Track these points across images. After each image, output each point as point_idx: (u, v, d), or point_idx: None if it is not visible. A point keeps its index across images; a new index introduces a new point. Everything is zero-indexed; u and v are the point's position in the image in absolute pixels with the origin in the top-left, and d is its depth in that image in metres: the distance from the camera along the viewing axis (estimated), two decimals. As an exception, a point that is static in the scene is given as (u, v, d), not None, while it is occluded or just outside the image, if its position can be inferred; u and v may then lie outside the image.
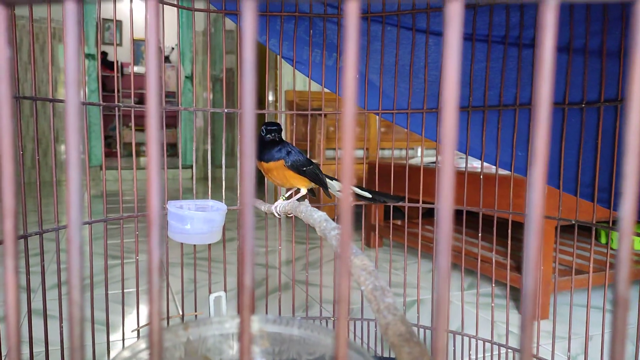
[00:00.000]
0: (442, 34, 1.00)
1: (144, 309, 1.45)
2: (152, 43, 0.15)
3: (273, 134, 0.85)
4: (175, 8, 0.99)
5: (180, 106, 1.00)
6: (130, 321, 1.35)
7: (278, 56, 1.07)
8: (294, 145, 0.93)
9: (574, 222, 0.89)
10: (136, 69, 5.92)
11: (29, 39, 0.69)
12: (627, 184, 0.16)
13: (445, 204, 0.14)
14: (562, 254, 1.70)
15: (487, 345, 1.02)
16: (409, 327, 0.24)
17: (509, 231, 0.95)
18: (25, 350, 0.79)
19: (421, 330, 1.09)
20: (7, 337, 0.18)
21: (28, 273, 0.76)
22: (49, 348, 0.81)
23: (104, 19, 5.57)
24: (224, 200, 0.99)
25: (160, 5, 0.93)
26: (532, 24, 0.91)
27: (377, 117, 1.10)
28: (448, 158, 0.14)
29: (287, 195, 0.91)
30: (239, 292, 0.15)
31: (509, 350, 0.98)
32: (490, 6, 0.93)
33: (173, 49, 6.06)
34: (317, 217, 0.44)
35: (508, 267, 0.93)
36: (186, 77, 5.33)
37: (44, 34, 4.72)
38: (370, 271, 0.29)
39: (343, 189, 0.15)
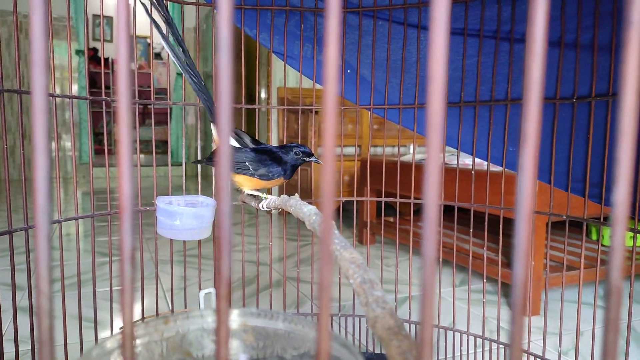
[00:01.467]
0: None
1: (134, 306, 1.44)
2: (122, 27, 0.14)
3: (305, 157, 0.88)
4: (165, 3, 0.98)
5: (169, 101, 0.99)
6: (119, 319, 1.34)
7: (269, 53, 1.06)
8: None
9: (565, 217, 0.89)
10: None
11: (15, 33, 0.68)
12: (619, 170, 0.16)
13: (431, 191, 0.13)
14: (553, 250, 1.70)
15: (479, 340, 1.02)
16: (398, 321, 0.23)
17: (500, 227, 0.95)
18: (10, 349, 0.78)
19: (412, 326, 1.08)
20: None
21: (13, 269, 0.75)
22: (36, 346, 0.79)
23: (93, 15, 5.51)
24: (213, 197, 0.98)
25: (149, -2, 0.91)
26: (523, 18, 0.90)
27: (369, 113, 1.09)
28: (435, 139, 0.13)
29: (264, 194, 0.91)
30: (216, 282, 0.14)
31: (500, 345, 0.98)
32: (481, 0, 0.92)
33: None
34: (306, 210, 0.43)
35: (499, 263, 0.93)
36: (177, 74, 5.29)
37: (9, 27, 4.64)
38: (359, 264, 0.29)
39: (325, 174, 0.14)
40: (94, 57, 5.45)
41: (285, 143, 0.92)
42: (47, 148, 0.15)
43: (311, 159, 0.88)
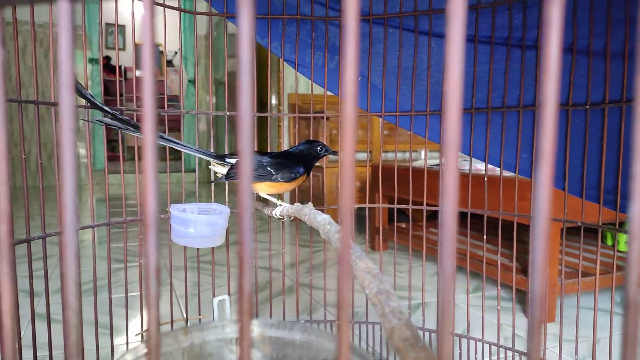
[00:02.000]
0: (443, 36, 0.99)
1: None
2: (147, 41, 0.14)
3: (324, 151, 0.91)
4: (178, 12, 0.99)
5: (182, 109, 1.00)
6: (134, 325, 1.35)
7: (279, 59, 1.07)
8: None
9: (579, 224, 0.88)
10: (139, 73, 5.95)
11: (32, 44, 0.69)
12: (635, 185, 0.16)
13: (449, 203, 0.14)
14: (568, 257, 1.69)
15: (494, 348, 1.01)
16: (415, 332, 0.24)
17: (514, 233, 0.94)
18: (29, 355, 0.79)
19: (426, 333, 1.08)
20: (1, 341, 0.18)
21: (31, 277, 0.76)
22: (53, 352, 0.80)
23: (107, 24, 5.59)
24: (227, 204, 0.98)
25: (162, 8, 0.93)
26: (535, 25, 0.90)
27: (380, 119, 1.09)
28: (451, 157, 0.13)
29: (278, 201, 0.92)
30: (239, 297, 0.14)
31: (516, 353, 0.97)
32: (492, 7, 0.92)
33: (176, 53, 6.08)
34: (320, 219, 0.43)
35: (514, 270, 0.92)
36: (189, 81, 5.34)
37: (47, 38, 4.74)
38: (375, 274, 0.29)
39: (343, 191, 0.15)
40: (107, 65, 5.52)
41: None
42: (74, 166, 0.15)
43: (330, 152, 0.92)
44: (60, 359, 0.98)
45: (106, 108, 0.79)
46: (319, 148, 0.91)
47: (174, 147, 0.85)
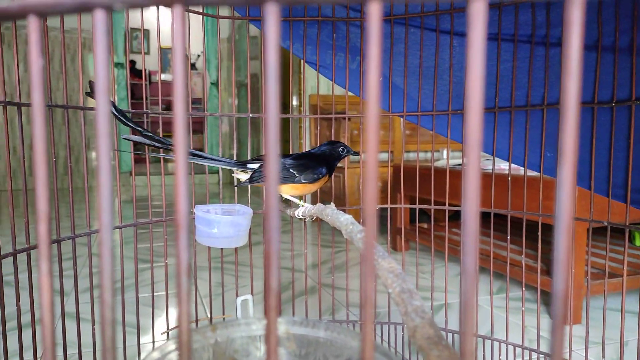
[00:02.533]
0: (466, 35, 0.98)
1: (173, 312, 1.47)
2: (178, 50, 0.15)
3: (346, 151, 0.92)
4: (201, 16, 1.01)
5: (206, 112, 1.02)
6: (160, 324, 1.37)
7: (301, 60, 1.08)
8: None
9: (606, 224, 0.87)
10: (163, 76, 6.04)
11: (60, 49, 0.72)
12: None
13: (470, 202, 0.14)
14: (594, 257, 1.65)
15: (518, 350, 1.00)
16: (438, 331, 0.24)
17: (539, 234, 0.93)
18: (59, 352, 0.81)
19: (449, 334, 1.07)
20: (42, 338, 0.19)
21: (61, 277, 0.78)
22: (82, 350, 0.83)
23: (131, 29, 5.70)
24: (249, 205, 0.99)
25: (186, 13, 0.94)
26: (559, 22, 0.89)
27: (402, 119, 1.09)
28: (473, 155, 0.14)
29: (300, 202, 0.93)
30: (266, 294, 0.15)
31: (541, 355, 0.96)
32: (515, 5, 0.91)
33: (199, 56, 6.16)
34: (343, 220, 0.44)
35: (539, 271, 0.91)
36: (212, 83, 5.40)
37: (74, 44, 4.85)
38: (398, 274, 0.29)
39: (366, 193, 0.15)
40: (132, 69, 5.63)
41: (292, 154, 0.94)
42: (110, 169, 0.16)
43: (352, 153, 0.93)
44: (88, 357, 1.01)
45: (139, 128, 0.81)
46: (340, 149, 0.91)
47: (201, 163, 0.87)
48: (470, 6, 0.13)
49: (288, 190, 0.89)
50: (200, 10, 0.98)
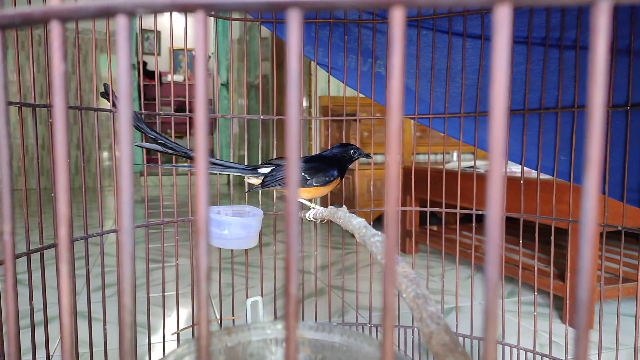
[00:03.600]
0: (479, 37, 0.98)
1: (183, 312, 1.48)
2: (201, 54, 0.15)
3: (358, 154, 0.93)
4: (212, 17, 1.01)
5: (217, 113, 1.02)
6: (170, 323, 1.38)
7: (312, 62, 1.08)
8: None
9: (620, 228, 0.86)
10: (174, 77, 6.08)
11: (72, 51, 0.72)
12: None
13: (495, 211, 0.14)
14: (608, 262, 1.64)
15: (530, 355, 0.99)
16: (453, 337, 0.24)
17: (552, 238, 0.92)
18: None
19: (460, 338, 1.06)
20: (61, 338, 0.19)
21: (73, 276, 0.79)
22: (93, 349, 0.83)
23: (143, 30, 5.74)
24: (260, 206, 1.00)
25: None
26: (574, 24, 0.88)
27: (413, 121, 1.09)
28: (497, 164, 0.14)
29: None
30: (286, 300, 0.15)
31: (552, 360, 0.95)
32: (530, 7, 0.91)
33: (210, 57, 6.18)
34: (356, 223, 0.44)
35: (551, 275, 0.90)
36: (222, 84, 5.42)
37: (85, 44, 4.90)
38: (412, 278, 0.29)
39: (388, 197, 0.15)
40: (144, 70, 5.67)
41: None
42: (131, 177, 0.16)
43: (364, 155, 0.94)
44: (99, 356, 1.01)
45: (152, 134, 0.82)
46: (352, 151, 0.92)
47: (217, 172, 0.88)
48: (496, 11, 0.13)
49: (301, 194, 0.90)
50: (213, 12, 0.98)
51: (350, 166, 0.97)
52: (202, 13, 0.15)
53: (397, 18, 0.14)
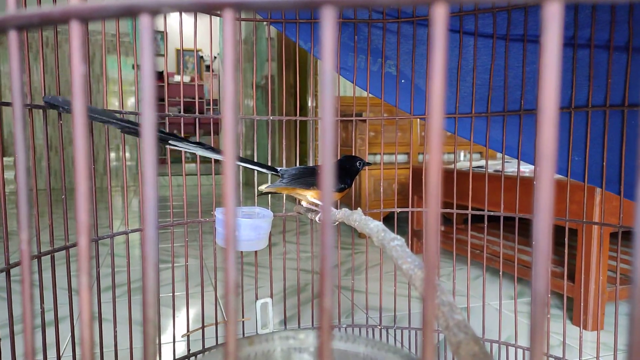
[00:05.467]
0: (491, 36, 0.97)
1: (192, 313, 1.48)
2: (229, 55, 0.14)
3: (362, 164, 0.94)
4: (218, 17, 1.01)
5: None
6: (179, 323, 1.38)
7: (318, 62, 1.07)
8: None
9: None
10: (179, 78, 6.09)
11: (102, 54, 0.72)
12: None
13: (544, 219, 0.13)
14: (622, 263, 1.62)
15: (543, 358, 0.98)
16: (483, 347, 0.23)
17: (566, 239, 0.91)
18: (79, 352, 0.81)
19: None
20: (82, 349, 0.18)
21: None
22: (104, 350, 0.83)
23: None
24: (270, 207, 0.99)
25: (208, 15, 0.94)
26: (588, 23, 0.87)
27: (418, 121, 1.08)
28: (547, 170, 0.13)
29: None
30: (320, 315, 0.14)
31: (566, 363, 0.93)
32: (541, 5, 0.89)
33: (216, 57, 6.19)
34: (373, 226, 0.43)
35: (565, 277, 0.89)
36: (229, 84, 5.42)
37: (92, 46, 4.91)
38: (436, 285, 0.28)
39: (430, 201, 0.14)
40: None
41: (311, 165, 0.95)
42: (156, 182, 0.15)
43: (366, 164, 0.95)
44: (110, 357, 1.01)
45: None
46: (358, 163, 0.94)
47: (246, 166, 0.88)
48: (545, 8, 0.13)
49: (317, 196, 0.90)
50: (239, 13, 0.98)
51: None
52: (231, 12, 0.15)
53: (440, 15, 0.13)
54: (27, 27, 0.17)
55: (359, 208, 0.63)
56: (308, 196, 0.89)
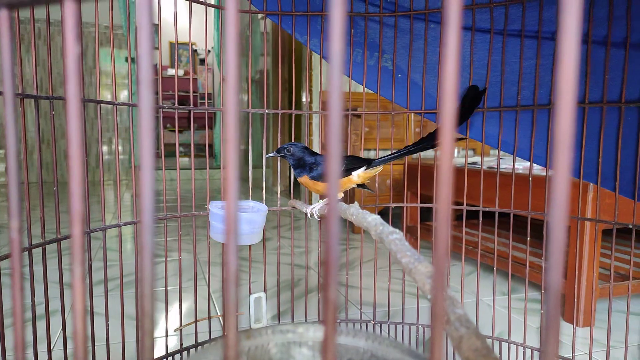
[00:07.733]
0: (488, 31, 0.96)
1: (185, 307, 1.47)
2: (231, 46, 0.14)
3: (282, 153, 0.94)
4: (213, 9, 1.00)
5: (222, 107, 1.01)
6: (172, 318, 1.37)
7: (311, 56, 1.06)
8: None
9: (631, 226, 0.84)
10: (173, 71, 6.04)
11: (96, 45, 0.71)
12: None
13: (558, 216, 0.12)
14: (617, 261, 1.63)
15: (536, 353, 0.98)
16: (485, 342, 0.22)
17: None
18: (70, 346, 0.80)
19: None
20: (75, 341, 0.18)
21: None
22: (95, 344, 0.82)
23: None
24: (264, 201, 0.98)
25: (202, 6, 0.93)
26: (585, 18, 0.86)
27: (412, 116, 1.07)
28: (562, 165, 0.12)
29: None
30: (324, 307, 0.13)
31: None
32: (539, 1, 0.89)
33: (209, 51, 6.15)
34: (371, 220, 0.42)
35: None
36: (223, 79, 5.40)
37: (86, 38, 4.86)
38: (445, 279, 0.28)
39: (441, 197, 0.14)
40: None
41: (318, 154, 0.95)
42: (153, 174, 0.15)
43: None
44: (102, 351, 1.00)
45: None
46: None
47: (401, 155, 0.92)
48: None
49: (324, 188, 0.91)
50: (218, 4, 0.97)
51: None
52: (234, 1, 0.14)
53: (454, 1, 0.12)
54: (18, 5, 0.16)
55: (355, 202, 0.63)
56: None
